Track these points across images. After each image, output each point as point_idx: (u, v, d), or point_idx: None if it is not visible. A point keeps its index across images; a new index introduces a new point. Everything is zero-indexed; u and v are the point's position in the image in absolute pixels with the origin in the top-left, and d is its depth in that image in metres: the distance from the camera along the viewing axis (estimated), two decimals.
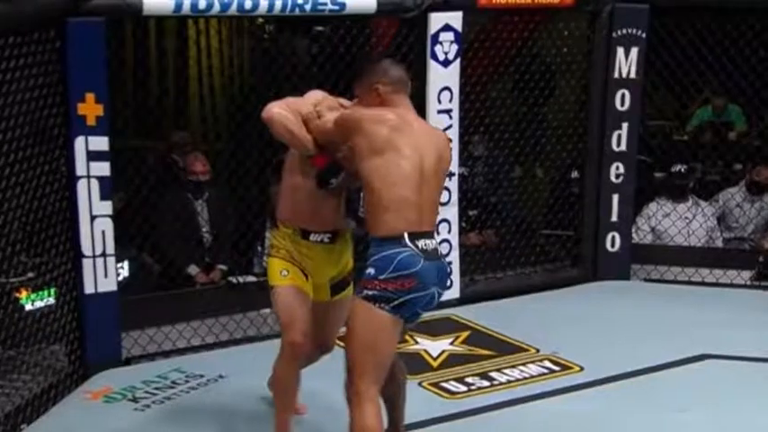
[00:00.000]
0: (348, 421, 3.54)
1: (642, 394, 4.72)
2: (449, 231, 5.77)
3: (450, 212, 5.75)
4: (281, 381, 3.98)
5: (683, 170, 6.84)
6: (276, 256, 3.94)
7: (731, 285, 6.40)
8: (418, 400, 4.19)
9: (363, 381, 3.51)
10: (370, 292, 3.46)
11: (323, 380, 4.15)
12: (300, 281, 3.91)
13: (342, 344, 4.31)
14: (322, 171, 3.79)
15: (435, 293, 3.54)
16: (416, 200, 3.51)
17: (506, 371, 5.00)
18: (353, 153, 3.59)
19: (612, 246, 6.40)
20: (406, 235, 3.45)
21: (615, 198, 6.33)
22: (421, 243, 3.47)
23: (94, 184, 4.77)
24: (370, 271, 3.47)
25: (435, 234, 3.64)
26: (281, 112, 3.78)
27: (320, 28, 8.00)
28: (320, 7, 5.23)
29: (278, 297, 3.91)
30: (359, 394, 3.50)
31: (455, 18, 5.68)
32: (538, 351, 5.24)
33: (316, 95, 3.92)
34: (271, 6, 5.09)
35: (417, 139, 3.57)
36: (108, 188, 4.83)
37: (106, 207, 4.84)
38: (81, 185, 4.75)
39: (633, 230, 6.60)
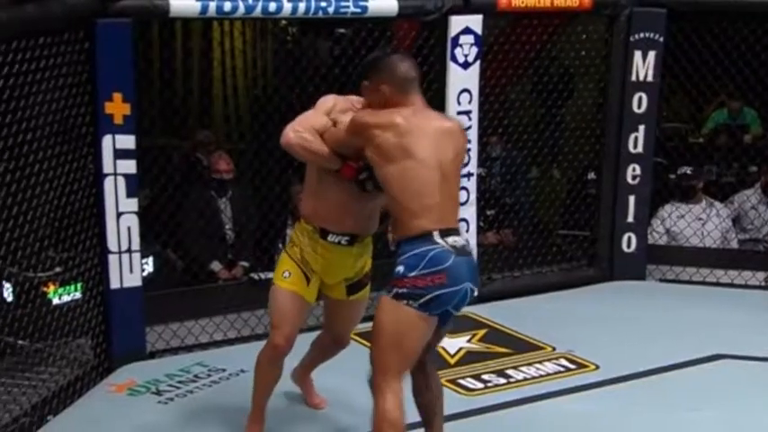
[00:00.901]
0: (371, 414, 3.56)
1: (656, 393, 4.73)
2: (467, 230, 5.76)
3: (469, 212, 5.77)
4: (261, 371, 4.05)
5: (689, 172, 6.85)
6: (288, 253, 3.96)
7: (746, 286, 6.40)
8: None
9: (386, 377, 3.50)
10: (400, 290, 3.43)
11: (342, 376, 4.22)
12: (300, 286, 3.91)
13: (359, 340, 4.41)
14: (356, 179, 3.74)
15: (468, 289, 3.49)
16: (439, 202, 3.48)
17: (522, 368, 5.02)
18: (369, 160, 3.56)
19: (628, 246, 6.41)
20: (436, 233, 3.43)
21: (631, 199, 6.34)
22: (450, 240, 3.45)
23: (121, 181, 4.80)
24: (400, 269, 3.44)
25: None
26: (297, 134, 3.71)
27: (342, 30, 8.06)
28: (342, 10, 5.26)
29: (274, 297, 3.95)
30: (381, 387, 3.50)
31: (475, 21, 5.69)
32: (554, 349, 5.26)
33: (327, 103, 3.85)
34: (294, 9, 5.12)
35: (431, 139, 3.51)
36: (134, 186, 4.86)
37: (132, 204, 4.86)
38: (108, 183, 4.78)
39: (648, 232, 6.61)
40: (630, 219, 6.39)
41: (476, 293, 3.58)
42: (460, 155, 3.64)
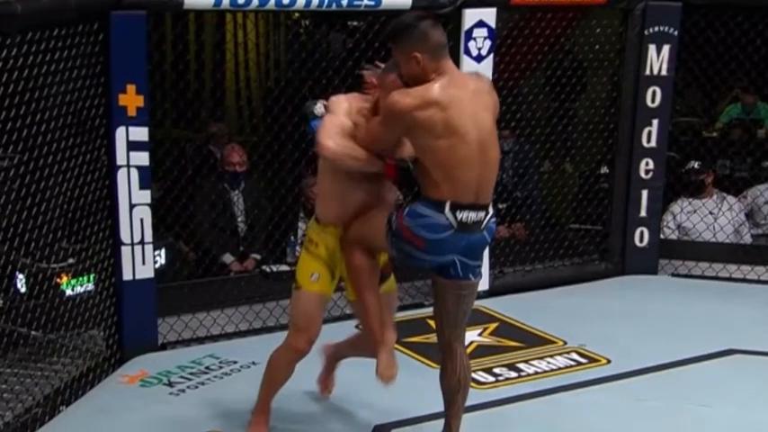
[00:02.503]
0: None
1: (668, 388, 4.73)
2: None
3: None
4: (274, 371, 4.05)
5: (696, 166, 6.83)
6: (311, 253, 3.88)
7: (759, 281, 6.39)
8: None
9: (354, 245, 3.68)
10: (393, 218, 3.56)
11: (350, 369, 4.23)
12: (327, 287, 3.90)
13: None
14: (399, 176, 3.73)
15: (455, 260, 3.59)
16: (474, 177, 3.49)
17: (534, 362, 5.03)
18: (413, 141, 3.52)
19: (641, 241, 6.40)
20: (447, 204, 3.47)
21: (644, 193, 6.34)
22: (463, 214, 3.49)
23: (134, 173, 4.82)
24: (406, 210, 3.54)
25: (490, 205, 3.62)
26: (339, 144, 3.60)
27: (356, 23, 8.06)
28: (356, 2, 5.27)
29: (302, 300, 3.89)
30: (350, 248, 3.70)
31: (489, 14, 5.69)
32: (565, 343, 5.27)
33: (341, 105, 3.73)
34: (308, 1, 5.13)
35: (469, 108, 3.46)
36: (147, 178, 4.87)
37: (145, 196, 4.88)
38: (121, 175, 4.80)
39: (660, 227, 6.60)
40: (643, 213, 6.38)
41: (479, 269, 3.69)
42: (495, 114, 3.61)
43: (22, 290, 4.73)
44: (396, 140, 3.60)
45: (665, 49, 6.17)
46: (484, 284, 5.90)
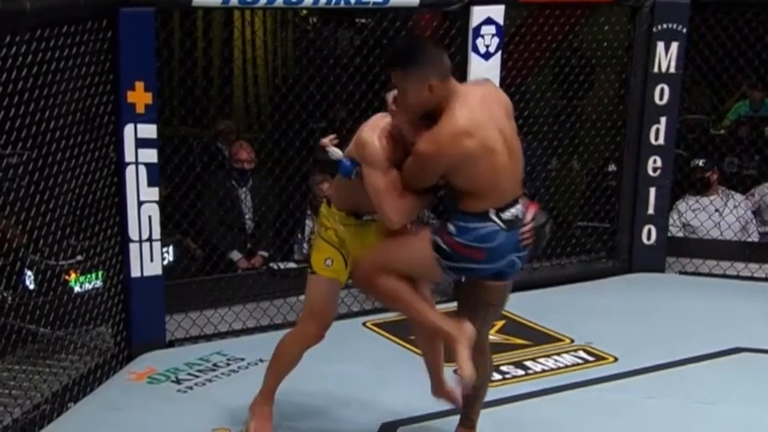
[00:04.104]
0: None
1: (675, 386, 4.74)
2: None
3: None
4: (285, 356, 4.04)
5: (701, 164, 6.82)
6: (325, 239, 3.87)
7: (766, 279, 6.39)
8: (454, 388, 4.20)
9: (382, 272, 3.59)
10: (441, 242, 3.49)
11: (350, 363, 4.24)
12: (341, 272, 3.87)
13: (374, 329, 4.41)
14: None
15: (514, 260, 3.59)
16: (509, 179, 3.51)
17: (541, 360, 5.04)
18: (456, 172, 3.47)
19: (648, 238, 6.41)
20: (491, 210, 3.47)
21: (652, 191, 6.34)
22: (506, 214, 3.50)
23: (142, 170, 4.82)
24: (452, 228, 3.49)
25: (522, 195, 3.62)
26: (402, 212, 3.58)
27: (363, 20, 8.07)
28: (364, 0, 5.27)
29: (316, 285, 3.90)
30: (375, 279, 3.60)
31: (497, 11, 5.68)
32: (572, 341, 5.27)
33: (376, 153, 3.57)
34: None
35: (488, 117, 3.43)
36: (155, 175, 4.88)
37: (153, 193, 4.88)
38: (129, 172, 4.80)
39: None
40: (651, 211, 6.39)
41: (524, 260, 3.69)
42: (509, 110, 3.59)
43: (31, 287, 4.72)
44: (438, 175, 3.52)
45: (674, 46, 6.17)
46: None
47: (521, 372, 4.91)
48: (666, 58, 6.18)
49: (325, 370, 4.56)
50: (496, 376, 4.81)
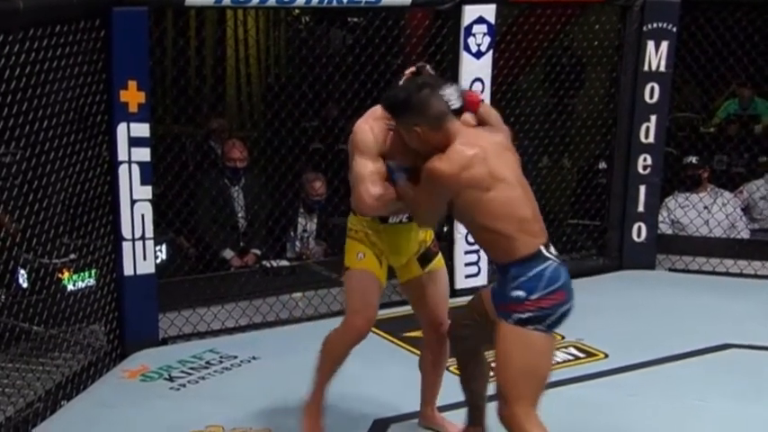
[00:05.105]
0: None
1: (665, 382, 4.76)
2: None
3: None
4: (331, 356, 3.96)
5: (694, 161, 6.85)
6: (354, 239, 3.87)
7: (755, 276, 6.42)
8: (445, 384, 4.23)
9: (525, 407, 3.36)
10: (524, 316, 3.30)
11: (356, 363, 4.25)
12: (375, 266, 3.85)
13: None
14: None
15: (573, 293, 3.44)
16: (531, 213, 3.41)
17: None
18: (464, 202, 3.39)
19: (638, 236, 6.44)
20: (542, 248, 3.34)
21: (642, 189, 6.38)
22: (552, 251, 3.39)
23: (135, 169, 4.84)
24: (520, 294, 3.31)
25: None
26: (373, 198, 3.57)
27: (356, 19, 8.08)
28: None
29: (352, 279, 3.87)
30: (521, 418, 3.35)
31: (488, 10, 5.71)
32: (563, 338, 5.23)
33: (368, 141, 3.62)
34: None
35: (496, 154, 3.39)
36: (148, 173, 4.89)
37: (146, 192, 4.90)
38: (122, 170, 4.82)
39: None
40: (641, 208, 6.42)
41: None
42: (515, 153, 3.54)
43: (24, 285, 4.75)
44: (445, 202, 3.45)
45: (664, 45, 6.20)
46: (482, 279, 5.99)
47: None
48: (656, 56, 6.21)
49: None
50: None
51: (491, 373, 3.82)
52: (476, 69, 5.75)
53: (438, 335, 4.06)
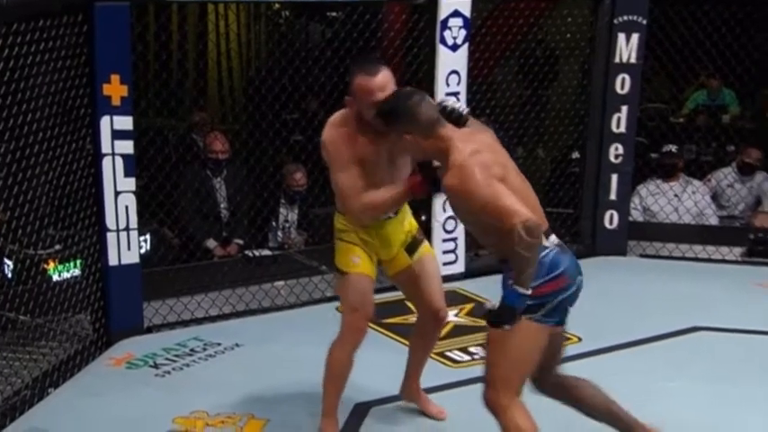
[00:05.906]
0: None
1: (636, 364, 4.83)
2: None
3: None
4: (338, 365, 3.93)
5: (673, 150, 6.96)
6: (346, 241, 3.89)
7: (723, 261, 6.54)
8: (425, 369, 4.29)
9: (511, 395, 3.36)
10: (525, 306, 3.27)
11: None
12: (370, 267, 3.90)
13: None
14: (431, 189, 3.65)
15: (581, 281, 3.43)
16: (531, 200, 3.41)
17: None
18: None
19: (611, 223, 6.53)
20: (542, 236, 3.29)
21: (614, 177, 6.45)
22: (552, 238, 3.38)
23: (119, 161, 4.86)
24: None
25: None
26: (361, 205, 3.68)
27: (334, 14, 8.13)
28: None
29: (350, 283, 3.88)
30: (507, 406, 3.35)
31: (464, 4, 5.75)
32: None
33: (341, 153, 3.69)
34: None
35: (493, 151, 3.39)
36: (132, 165, 4.92)
37: (130, 183, 4.92)
38: (106, 163, 4.84)
39: None
40: (613, 196, 6.50)
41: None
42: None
43: (10, 276, 4.79)
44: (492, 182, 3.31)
45: (634, 37, 6.26)
46: (460, 267, 6.05)
47: None
48: (627, 48, 6.27)
49: (299, 354, 4.64)
50: (465, 357, 4.93)
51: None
52: (452, 62, 5.79)
53: (437, 321, 4.11)
